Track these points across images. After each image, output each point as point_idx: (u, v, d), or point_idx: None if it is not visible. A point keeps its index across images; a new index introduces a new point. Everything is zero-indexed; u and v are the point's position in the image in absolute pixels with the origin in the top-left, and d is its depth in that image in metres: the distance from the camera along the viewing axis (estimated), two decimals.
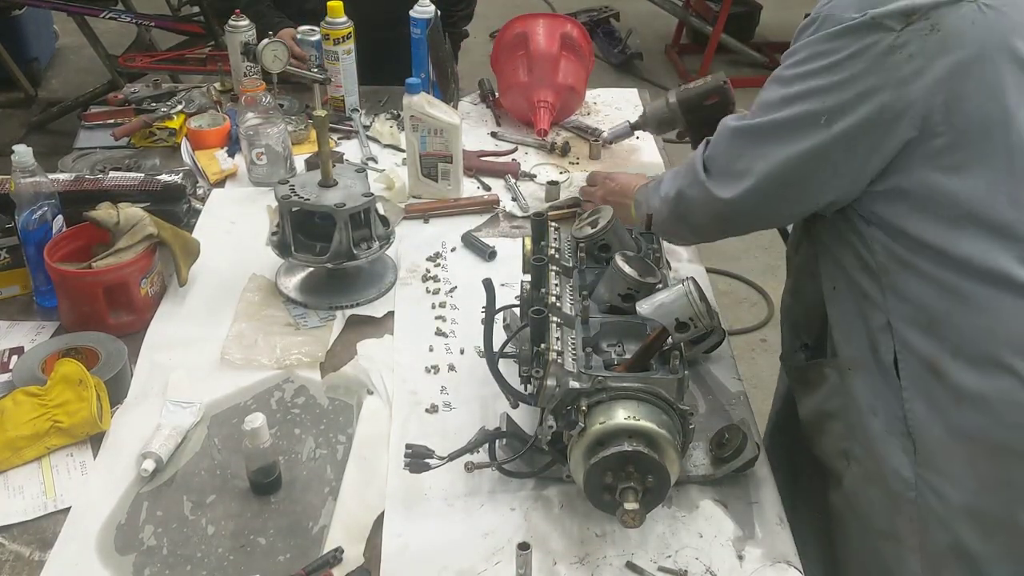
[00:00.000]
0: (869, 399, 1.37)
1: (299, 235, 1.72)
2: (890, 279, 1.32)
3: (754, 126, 1.37)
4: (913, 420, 1.32)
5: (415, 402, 1.52)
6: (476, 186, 2.16)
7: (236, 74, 2.37)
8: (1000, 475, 1.29)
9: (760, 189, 1.37)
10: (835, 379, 1.44)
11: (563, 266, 1.49)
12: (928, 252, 1.27)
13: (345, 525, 1.31)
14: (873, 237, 1.32)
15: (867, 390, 1.37)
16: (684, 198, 1.50)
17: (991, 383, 1.25)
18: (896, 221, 1.29)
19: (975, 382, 1.26)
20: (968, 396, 1.27)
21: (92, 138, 2.31)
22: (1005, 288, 1.24)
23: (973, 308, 1.26)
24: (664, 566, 1.25)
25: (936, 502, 1.32)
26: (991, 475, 1.29)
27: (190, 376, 1.57)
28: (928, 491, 1.33)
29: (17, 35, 4.94)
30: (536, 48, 2.35)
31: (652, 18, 6.08)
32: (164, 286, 1.76)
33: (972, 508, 1.31)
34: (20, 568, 1.25)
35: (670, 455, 1.22)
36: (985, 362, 1.26)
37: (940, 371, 1.28)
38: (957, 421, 1.28)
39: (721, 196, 1.41)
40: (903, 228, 1.29)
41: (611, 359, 1.37)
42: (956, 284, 1.26)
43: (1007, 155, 1.24)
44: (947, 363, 1.28)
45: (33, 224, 1.64)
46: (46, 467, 1.40)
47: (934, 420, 1.30)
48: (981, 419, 1.27)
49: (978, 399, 1.26)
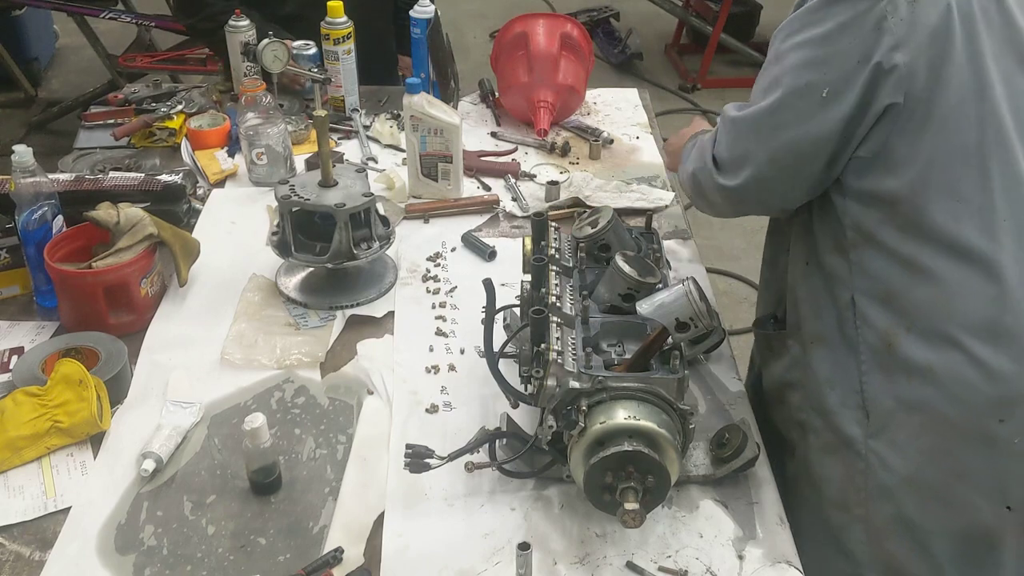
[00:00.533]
0: (828, 372, 1.42)
1: (299, 235, 1.72)
2: (857, 254, 1.35)
3: (753, 113, 1.37)
4: (868, 393, 1.36)
5: (415, 402, 1.52)
6: (476, 186, 2.16)
7: (236, 74, 2.37)
8: (941, 447, 1.32)
9: (763, 175, 1.38)
10: (797, 351, 1.49)
11: (563, 266, 1.49)
12: (896, 222, 1.30)
13: (345, 525, 1.31)
14: (845, 210, 1.35)
15: (827, 363, 1.42)
16: (697, 180, 1.52)
17: (939, 357, 1.29)
18: (869, 188, 1.31)
19: (925, 356, 1.30)
20: (918, 369, 1.30)
21: (92, 138, 2.31)
22: (964, 260, 1.26)
23: (930, 281, 1.28)
24: (664, 566, 1.25)
25: (883, 473, 1.37)
26: (933, 447, 1.33)
27: (190, 376, 1.57)
28: (877, 462, 1.37)
29: (17, 35, 4.94)
30: (536, 48, 2.35)
31: (652, 18, 6.08)
32: (164, 286, 1.76)
33: (915, 479, 1.35)
34: (20, 568, 1.25)
35: (670, 455, 1.22)
36: (935, 336, 1.29)
37: (894, 344, 1.32)
38: (907, 393, 1.32)
39: (726, 184, 1.43)
40: (876, 193, 1.31)
41: (611, 359, 1.37)
42: (917, 256, 1.29)
43: (979, 124, 1.26)
44: (901, 337, 1.31)
45: (33, 224, 1.64)
46: (46, 467, 1.40)
47: (887, 393, 1.34)
48: (928, 391, 1.30)
49: (927, 372, 1.30)
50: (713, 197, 1.50)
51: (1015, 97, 1.27)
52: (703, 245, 1.87)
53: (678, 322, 1.29)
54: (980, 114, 1.25)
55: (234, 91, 2.42)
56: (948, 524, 1.36)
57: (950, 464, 1.33)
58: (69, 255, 1.67)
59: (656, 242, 1.63)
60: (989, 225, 1.26)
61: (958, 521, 1.36)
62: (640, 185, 2.15)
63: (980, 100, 1.25)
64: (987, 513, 1.34)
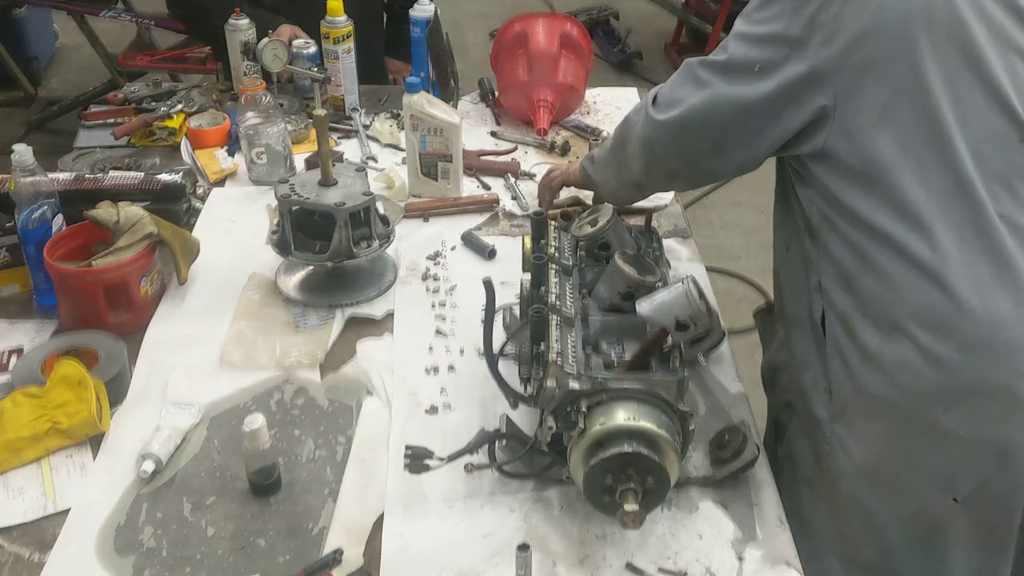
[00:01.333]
0: (803, 354, 1.45)
1: (299, 234, 1.72)
2: (822, 239, 1.37)
3: (701, 62, 1.42)
4: (832, 376, 1.39)
5: (415, 403, 1.52)
6: (476, 185, 2.16)
7: (236, 73, 2.37)
8: (892, 434, 1.35)
9: (685, 120, 1.42)
10: (782, 334, 1.53)
11: (563, 265, 1.49)
12: (846, 214, 1.32)
13: (345, 526, 1.31)
14: (810, 198, 1.38)
15: (802, 345, 1.45)
16: (627, 122, 1.56)
17: (890, 345, 1.30)
18: (823, 181, 1.34)
19: (877, 343, 1.32)
20: (871, 356, 1.32)
21: (92, 137, 2.30)
22: (905, 260, 1.28)
23: (879, 272, 1.30)
24: (664, 567, 1.25)
25: (843, 456, 1.40)
26: (885, 433, 1.35)
27: (190, 376, 1.56)
28: (838, 445, 1.40)
29: (17, 34, 4.93)
30: (536, 47, 2.35)
31: (652, 17, 6.08)
32: (164, 285, 1.76)
33: (869, 466, 1.38)
34: (20, 569, 1.25)
35: (670, 456, 1.22)
36: (887, 324, 1.31)
37: (853, 329, 1.34)
38: (862, 379, 1.34)
39: (654, 117, 1.46)
40: (828, 188, 1.34)
41: (611, 359, 1.37)
42: (865, 247, 1.31)
43: (916, 125, 1.26)
44: (858, 322, 1.33)
45: (33, 223, 1.64)
46: (46, 468, 1.40)
47: (847, 377, 1.36)
48: (880, 378, 1.32)
49: (879, 359, 1.32)
50: (632, 144, 1.53)
51: (955, 94, 1.26)
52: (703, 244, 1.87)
53: (678, 322, 1.29)
54: (915, 112, 1.26)
55: (234, 90, 2.42)
56: (899, 511, 1.40)
57: (900, 451, 1.35)
58: (69, 254, 1.67)
59: (656, 241, 1.63)
60: (929, 223, 1.26)
61: (908, 508, 1.39)
62: None
63: (914, 98, 1.25)
64: (936, 502, 1.37)
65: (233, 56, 2.34)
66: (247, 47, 2.27)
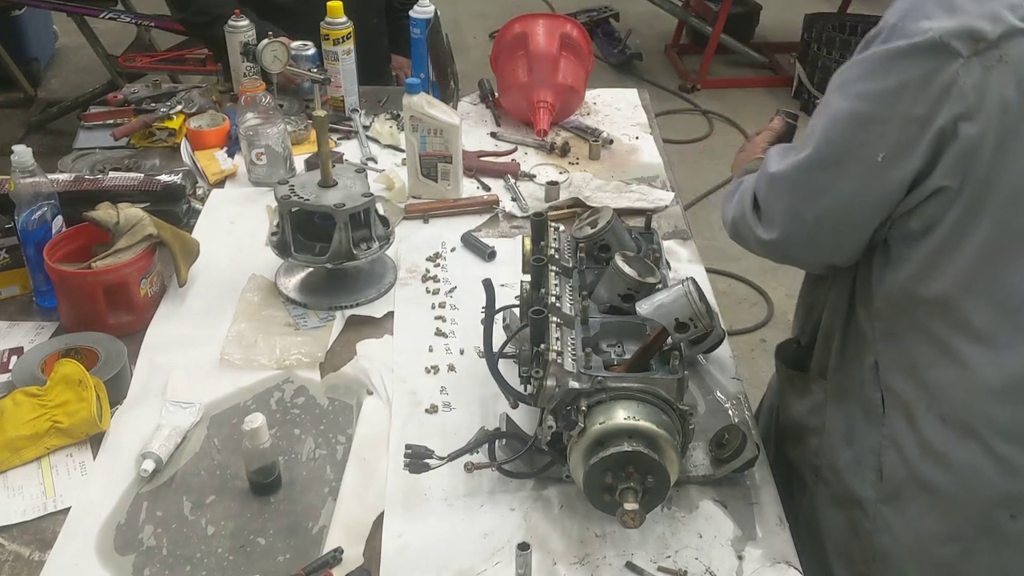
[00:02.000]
0: (846, 428, 1.38)
1: (299, 235, 1.72)
2: (885, 319, 1.28)
3: (797, 166, 1.26)
4: (886, 459, 1.32)
5: (415, 402, 1.52)
6: (476, 186, 2.16)
7: (236, 74, 2.37)
8: (949, 529, 1.29)
9: (805, 233, 1.29)
10: (819, 397, 1.43)
11: (563, 266, 1.49)
12: (927, 304, 1.22)
13: (345, 525, 1.31)
14: (881, 278, 1.27)
15: (845, 419, 1.38)
16: (737, 226, 1.41)
17: (960, 445, 1.24)
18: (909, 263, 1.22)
19: (943, 441, 1.25)
20: (935, 452, 1.26)
21: (92, 138, 2.31)
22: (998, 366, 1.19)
23: (958, 367, 1.21)
24: (664, 566, 1.25)
25: (889, 539, 1.34)
26: (942, 527, 1.29)
27: (190, 376, 1.56)
28: (884, 527, 1.34)
29: (17, 35, 4.94)
30: (536, 48, 2.35)
31: (652, 18, 6.08)
32: (164, 286, 1.76)
33: (920, 552, 1.32)
34: (20, 568, 1.25)
35: (670, 455, 1.22)
36: (957, 424, 1.24)
37: (915, 420, 1.27)
38: (921, 471, 1.28)
39: (762, 237, 1.34)
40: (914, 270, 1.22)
41: (611, 359, 1.37)
42: (946, 339, 1.22)
43: None
44: (922, 413, 1.26)
45: (33, 224, 1.64)
46: (46, 467, 1.40)
47: (901, 464, 1.30)
48: (943, 476, 1.26)
49: (942, 456, 1.25)
50: (752, 246, 1.40)
51: None
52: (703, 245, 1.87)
53: (678, 322, 1.29)
54: None
55: (233, 91, 2.42)
56: None
57: (957, 548, 1.29)
58: (69, 255, 1.67)
59: (656, 242, 1.63)
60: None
61: None
62: (640, 185, 2.16)
63: None
64: None
65: (233, 57, 2.34)
66: (247, 48, 2.27)
